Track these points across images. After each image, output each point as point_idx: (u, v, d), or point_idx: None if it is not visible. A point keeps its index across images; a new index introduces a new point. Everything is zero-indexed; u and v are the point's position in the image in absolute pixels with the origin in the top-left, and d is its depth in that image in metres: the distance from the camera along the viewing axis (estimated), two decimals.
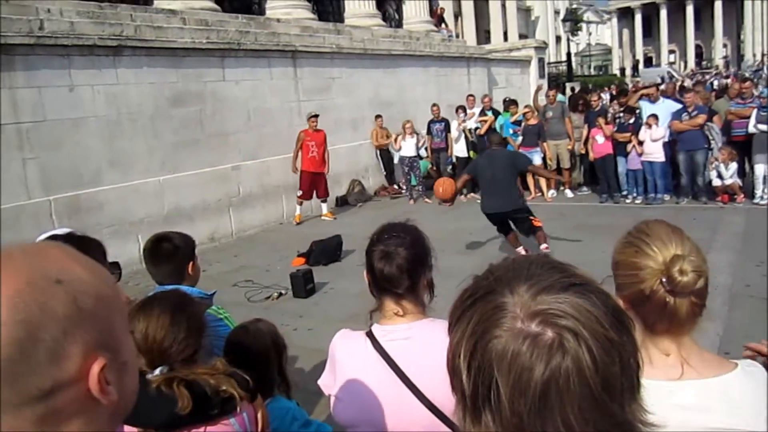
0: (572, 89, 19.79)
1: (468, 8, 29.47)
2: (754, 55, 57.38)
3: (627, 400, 0.71)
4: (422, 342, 1.72)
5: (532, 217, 7.42)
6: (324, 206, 11.20)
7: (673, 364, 1.35)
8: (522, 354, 0.69)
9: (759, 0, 61.88)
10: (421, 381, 1.68)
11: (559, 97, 13.12)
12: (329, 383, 1.84)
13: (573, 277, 0.74)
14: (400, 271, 1.72)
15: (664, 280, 1.32)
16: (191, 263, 2.55)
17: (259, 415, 1.81)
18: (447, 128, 12.80)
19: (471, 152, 12.45)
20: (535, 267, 0.77)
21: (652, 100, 10.61)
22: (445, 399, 1.65)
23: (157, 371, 1.61)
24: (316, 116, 10.69)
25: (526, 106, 12.46)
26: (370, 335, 1.77)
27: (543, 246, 7.25)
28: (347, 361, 1.80)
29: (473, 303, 0.76)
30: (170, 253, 2.51)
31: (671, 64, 60.51)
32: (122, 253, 8.23)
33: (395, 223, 1.87)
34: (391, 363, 1.70)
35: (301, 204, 10.90)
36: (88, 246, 2.00)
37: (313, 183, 10.80)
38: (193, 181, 9.41)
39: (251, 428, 1.74)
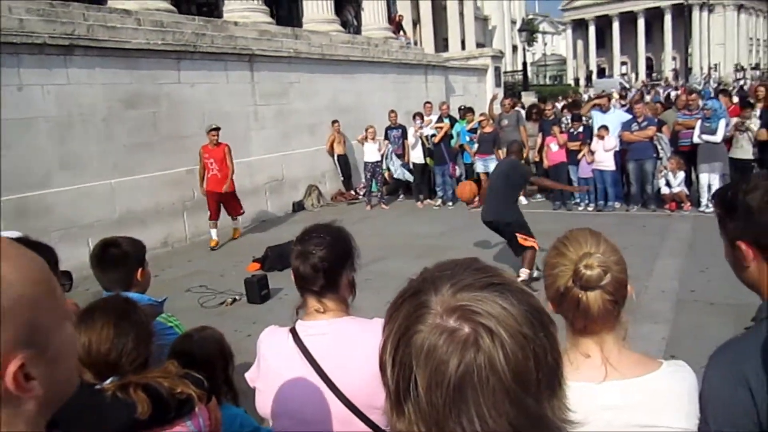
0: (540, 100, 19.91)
1: (426, 16, 29.71)
2: (701, 68, 59.32)
3: (546, 397, 0.74)
4: (340, 338, 1.79)
5: (519, 235, 6.92)
6: (213, 232, 9.69)
7: (596, 365, 1.40)
8: (439, 347, 0.71)
9: (706, 14, 64.14)
10: (337, 375, 1.74)
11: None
12: (254, 376, 1.91)
13: (494, 277, 0.77)
14: (315, 270, 1.78)
15: (573, 276, 1.39)
16: (140, 269, 2.49)
17: (214, 418, 1.80)
18: (404, 135, 12.88)
19: (427, 159, 12.55)
20: (459, 268, 0.80)
21: (604, 110, 10.89)
22: (360, 393, 1.72)
23: (108, 382, 1.58)
24: (216, 129, 9.50)
25: (481, 114, 12.63)
26: (292, 331, 1.83)
27: (523, 270, 6.79)
28: (270, 356, 1.87)
29: (402, 303, 0.79)
30: (118, 258, 2.46)
31: (623, 75, 62.09)
32: (72, 257, 8.02)
33: (320, 224, 1.95)
34: (309, 357, 1.76)
35: (215, 227, 9.71)
36: (38, 253, 1.95)
37: (218, 203, 9.67)
38: (146, 185, 9.24)
39: (206, 430, 1.73)
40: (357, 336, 1.80)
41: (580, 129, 10.54)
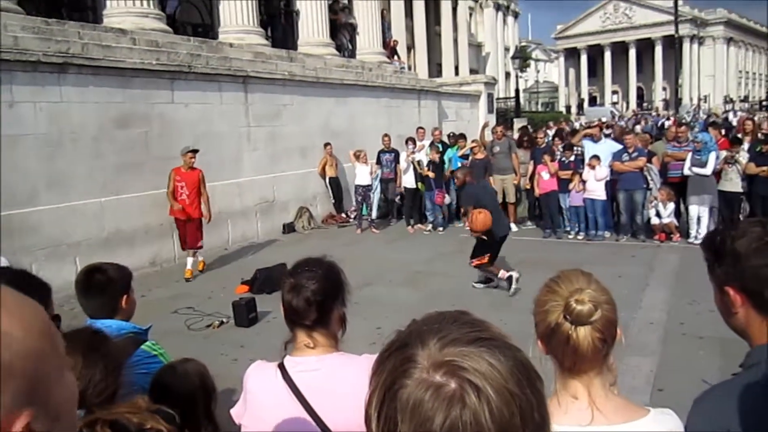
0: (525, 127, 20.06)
1: (421, 42, 29.98)
2: (691, 99, 60.12)
3: None
4: (330, 375, 1.77)
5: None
6: (189, 261, 9.00)
7: (583, 408, 1.39)
8: (424, 403, 0.70)
9: (696, 46, 65.13)
10: (327, 413, 1.72)
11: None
12: (240, 412, 1.88)
13: (482, 332, 0.77)
14: (308, 303, 1.75)
15: (564, 311, 1.39)
16: (125, 296, 2.46)
17: None
18: (396, 159, 12.93)
19: (419, 184, 12.58)
20: (446, 322, 0.80)
21: (595, 139, 10.98)
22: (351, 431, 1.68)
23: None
24: (194, 152, 8.93)
25: (473, 141, 12.70)
26: (281, 366, 1.81)
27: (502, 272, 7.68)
28: (257, 392, 1.84)
29: (389, 356, 0.78)
30: (103, 285, 2.42)
31: (614, 104, 62.87)
32: (58, 277, 7.93)
33: (311, 258, 1.91)
34: (297, 394, 1.74)
35: (193, 255, 9.12)
36: (30, 289, 1.89)
37: (184, 230, 9.03)
38: (135, 204, 9.20)
39: None
40: (347, 373, 1.78)
41: (572, 158, 10.60)
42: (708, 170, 9.52)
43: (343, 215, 13.49)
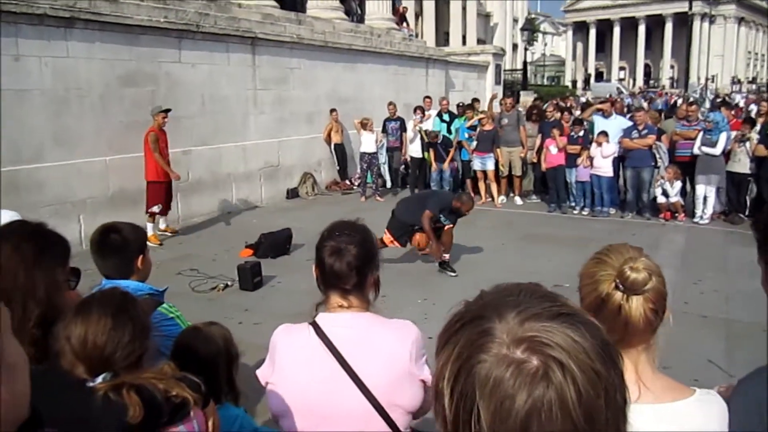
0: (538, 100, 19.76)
1: (429, 9, 29.59)
2: (698, 79, 59.58)
3: None
4: (365, 332, 1.78)
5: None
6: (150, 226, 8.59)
7: (630, 383, 1.36)
8: (505, 381, 0.67)
9: (707, 25, 64.33)
10: (361, 369, 1.71)
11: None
12: (267, 373, 1.86)
13: (563, 307, 0.73)
14: (350, 267, 1.76)
15: (617, 279, 1.35)
16: (141, 257, 2.42)
17: (210, 423, 1.74)
18: (402, 127, 12.83)
19: (425, 153, 12.50)
20: (524, 295, 0.76)
21: (606, 115, 10.87)
22: (383, 390, 1.70)
23: (100, 378, 1.51)
24: (167, 111, 8.71)
25: (482, 112, 12.59)
26: (313, 324, 1.80)
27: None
28: (288, 350, 1.82)
29: (461, 327, 0.74)
30: (118, 245, 2.38)
31: (621, 80, 62.25)
32: (62, 234, 7.95)
33: (346, 221, 1.92)
34: (332, 349, 1.73)
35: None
36: (49, 243, 1.87)
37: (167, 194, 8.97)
38: (140, 164, 9.10)
39: None
40: (381, 332, 1.79)
41: (581, 133, 10.50)
42: (718, 150, 9.45)
43: (347, 182, 13.44)
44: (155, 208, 8.67)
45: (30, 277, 1.70)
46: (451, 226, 7.40)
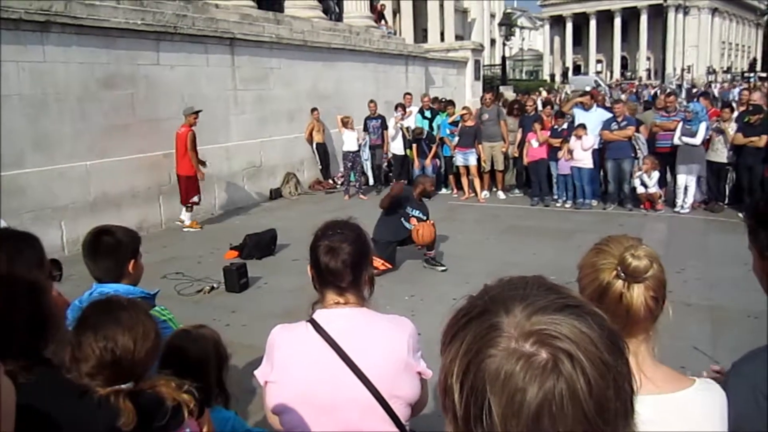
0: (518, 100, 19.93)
1: (407, 6, 29.60)
2: (674, 69, 60.18)
3: (620, 426, 0.71)
4: (363, 324, 1.81)
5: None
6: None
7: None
8: (515, 374, 0.67)
9: (681, 16, 65.04)
10: (361, 360, 1.73)
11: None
12: (266, 372, 1.85)
13: (568, 299, 0.74)
14: (345, 265, 1.78)
15: (618, 267, 1.36)
16: (133, 260, 2.41)
17: (205, 429, 1.74)
18: (383, 125, 12.82)
19: (407, 150, 12.51)
20: (530, 288, 0.76)
21: (586, 108, 10.95)
22: (384, 380, 1.71)
23: (124, 387, 1.50)
24: (198, 112, 9.45)
25: (464, 108, 12.62)
26: (311, 321, 1.82)
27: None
28: (287, 348, 1.82)
29: (468, 322, 0.74)
30: (111, 248, 2.37)
31: (598, 73, 62.73)
32: (43, 240, 7.76)
33: (339, 221, 1.94)
34: (332, 343, 1.75)
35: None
36: (23, 244, 1.83)
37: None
38: (122, 168, 9.05)
39: None
40: (379, 325, 1.82)
41: (564, 126, 10.57)
42: (698, 140, 9.56)
43: (330, 181, 13.41)
44: (195, 199, 9.54)
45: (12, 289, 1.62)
46: (431, 222, 7.43)
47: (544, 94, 25.99)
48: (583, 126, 10.19)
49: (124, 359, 1.52)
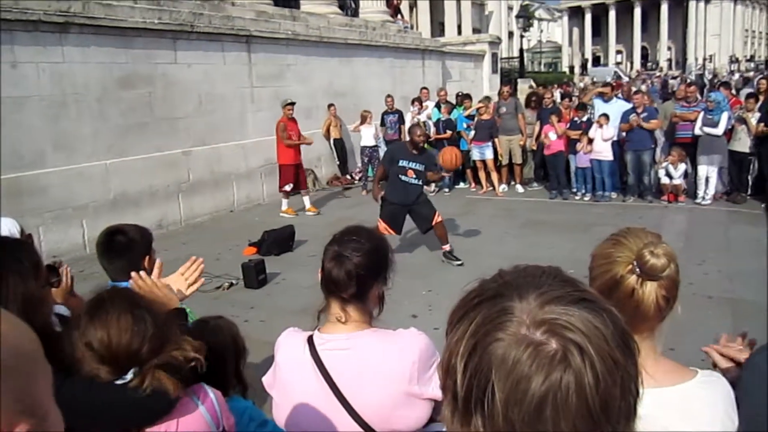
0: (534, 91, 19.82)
1: (423, 1, 29.50)
2: (696, 59, 59.36)
3: (622, 426, 0.70)
4: (359, 354, 1.70)
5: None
6: (306, 200, 10.61)
7: None
8: (522, 362, 0.67)
9: (703, 5, 64.06)
10: (353, 394, 1.67)
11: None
12: (270, 382, 1.84)
13: (584, 293, 0.73)
14: (349, 276, 1.68)
15: (635, 262, 1.34)
16: (147, 258, 2.43)
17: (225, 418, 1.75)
18: (401, 120, 12.80)
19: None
20: (546, 277, 0.75)
21: (606, 99, 10.84)
22: (377, 414, 1.65)
23: (130, 375, 1.52)
24: (293, 104, 10.27)
25: (480, 101, 12.55)
26: (310, 341, 1.75)
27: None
28: (285, 365, 1.80)
29: (478, 304, 0.74)
30: (124, 247, 2.38)
31: (618, 64, 62.04)
32: (65, 239, 7.98)
33: (361, 227, 1.83)
34: (324, 373, 1.69)
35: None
36: (18, 254, 1.73)
37: (297, 174, 10.46)
38: (141, 166, 9.14)
39: (221, 413, 1.67)
40: (377, 353, 1.71)
41: (584, 118, 10.46)
42: (719, 130, 9.41)
43: (348, 177, 13.43)
44: (287, 187, 10.19)
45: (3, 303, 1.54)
46: (438, 175, 7.59)
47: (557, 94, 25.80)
48: (605, 115, 10.07)
49: (115, 352, 1.53)
